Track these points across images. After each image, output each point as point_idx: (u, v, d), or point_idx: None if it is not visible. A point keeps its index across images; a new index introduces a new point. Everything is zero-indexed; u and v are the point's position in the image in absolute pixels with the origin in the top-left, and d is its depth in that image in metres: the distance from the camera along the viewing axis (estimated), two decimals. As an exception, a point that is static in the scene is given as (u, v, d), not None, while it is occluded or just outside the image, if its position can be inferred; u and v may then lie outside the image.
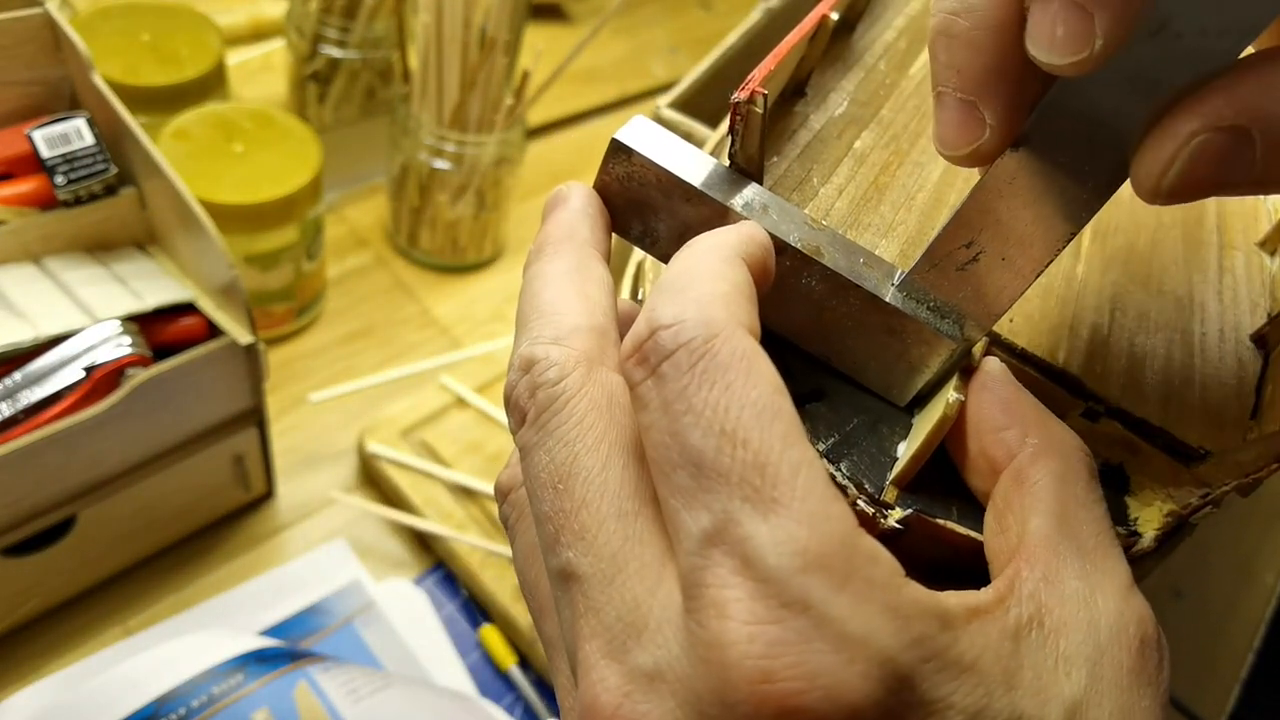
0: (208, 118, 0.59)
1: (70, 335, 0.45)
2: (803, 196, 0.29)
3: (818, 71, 0.35)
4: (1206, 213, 0.37)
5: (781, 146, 0.31)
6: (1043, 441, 0.23)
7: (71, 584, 0.51)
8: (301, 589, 0.54)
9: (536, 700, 0.53)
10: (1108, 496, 0.25)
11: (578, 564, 0.20)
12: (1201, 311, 0.32)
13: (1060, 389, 0.27)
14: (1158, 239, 0.34)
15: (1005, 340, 0.27)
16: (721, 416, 0.19)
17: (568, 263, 0.24)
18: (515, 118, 0.68)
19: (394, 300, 0.72)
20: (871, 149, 0.32)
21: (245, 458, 0.54)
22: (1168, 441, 0.27)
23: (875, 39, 0.38)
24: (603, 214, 0.26)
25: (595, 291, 0.24)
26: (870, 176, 0.31)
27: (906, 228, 0.30)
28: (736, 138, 0.26)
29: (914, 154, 0.33)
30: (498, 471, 0.59)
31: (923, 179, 0.32)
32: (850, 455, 0.25)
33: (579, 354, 0.22)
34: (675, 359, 0.19)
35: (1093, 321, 0.29)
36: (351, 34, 0.70)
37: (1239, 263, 0.35)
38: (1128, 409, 0.27)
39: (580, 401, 0.21)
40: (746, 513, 0.18)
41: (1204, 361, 0.30)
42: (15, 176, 0.48)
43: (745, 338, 0.20)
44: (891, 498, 0.24)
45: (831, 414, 0.26)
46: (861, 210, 0.30)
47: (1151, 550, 0.25)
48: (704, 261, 0.21)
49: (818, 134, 0.32)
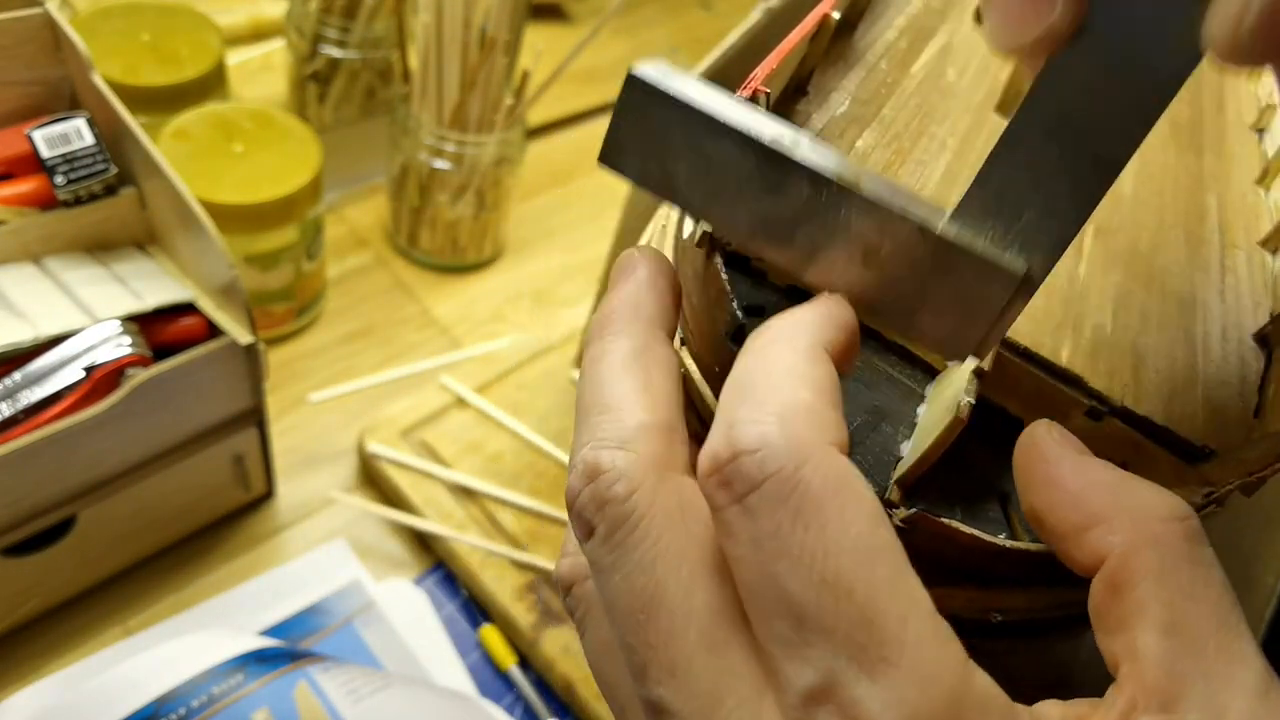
0: (208, 118, 0.59)
1: (70, 335, 0.45)
2: None
3: (819, 71, 0.35)
4: (1208, 211, 0.37)
5: None
6: (1129, 535, 0.20)
7: (71, 584, 0.51)
8: (301, 589, 0.54)
9: (536, 700, 0.53)
10: None
11: (670, 702, 0.19)
12: (1204, 311, 0.32)
13: (1064, 388, 0.27)
14: (1160, 238, 0.34)
15: (1008, 339, 0.27)
16: (821, 563, 0.17)
17: (631, 344, 0.23)
18: (515, 118, 0.68)
19: (394, 300, 0.72)
20: (873, 148, 0.32)
21: (245, 458, 0.54)
22: (1171, 440, 0.27)
23: (876, 38, 0.38)
24: (672, 284, 0.24)
25: (660, 379, 0.22)
26: None
27: None
28: None
29: (916, 153, 0.33)
30: (497, 471, 0.60)
31: (925, 177, 0.32)
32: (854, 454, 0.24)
33: (647, 460, 0.20)
34: (764, 491, 0.18)
35: (1095, 321, 0.29)
36: (351, 34, 0.70)
37: (1241, 261, 0.35)
38: (1131, 408, 0.27)
39: (655, 519, 0.20)
40: (853, 673, 0.17)
41: (1206, 361, 0.30)
42: (15, 176, 0.48)
43: (836, 459, 0.18)
44: (896, 497, 0.23)
45: None
46: None
47: None
48: (782, 358, 0.20)
49: (819, 133, 0.32)
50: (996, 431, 0.27)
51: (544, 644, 0.53)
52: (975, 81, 0.38)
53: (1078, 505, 0.21)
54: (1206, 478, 0.26)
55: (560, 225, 0.82)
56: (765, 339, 0.21)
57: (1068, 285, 0.30)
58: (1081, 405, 0.27)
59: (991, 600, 0.25)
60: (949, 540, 0.23)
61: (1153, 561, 0.20)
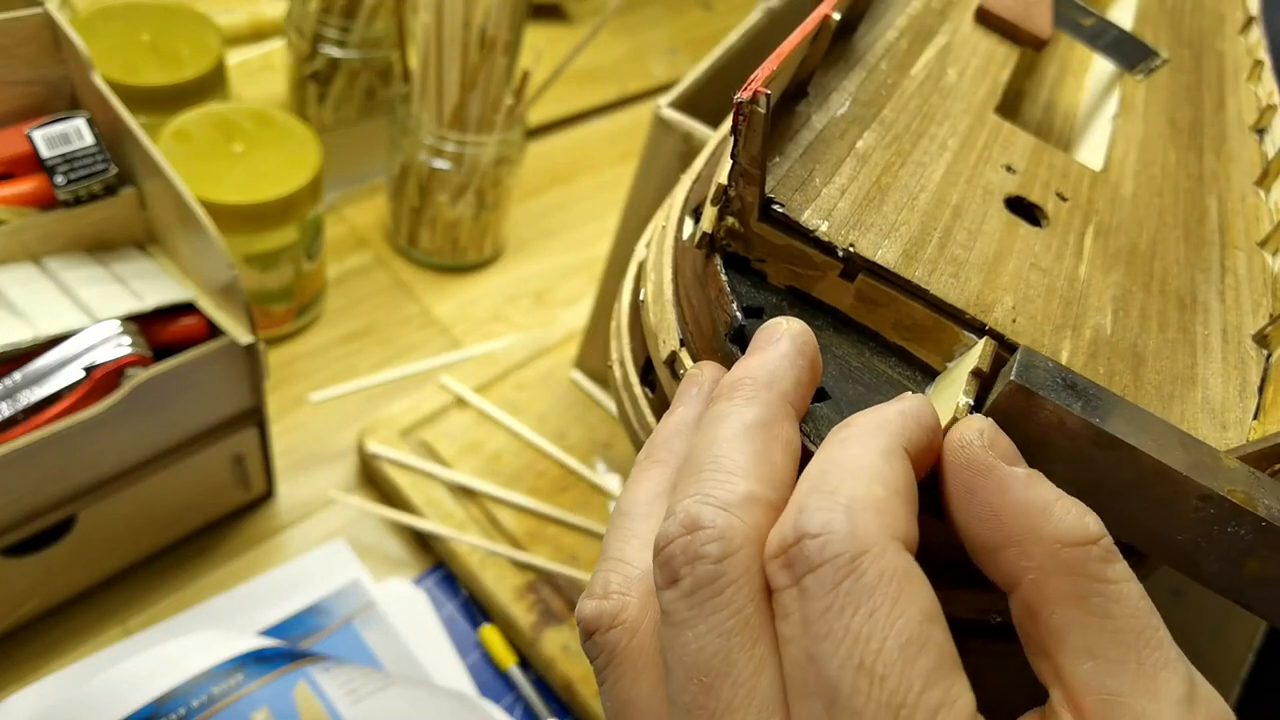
0: (207, 118, 0.60)
1: (70, 335, 0.45)
2: (805, 197, 0.29)
3: (820, 72, 0.35)
4: (1208, 212, 0.37)
5: (784, 146, 0.31)
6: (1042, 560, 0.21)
7: (71, 584, 0.51)
8: (301, 589, 0.54)
9: (536, 700, 0.53)
10: None
11: None
12: (1204, 311, 0.32)
13: None
14: (1159, 238, 0.34)
15: (1009, 341, 0.27)
16: (861, 647, 0.18)
17: (759, 414, 0.22)
18: (515, 118, 0.68)
19: (394, 300, 0.72)
20: (874, 149, 0.32)
21: (245, 457, 0.54)
22: None
23: (877, 39, 0.38)
24: (812, 364, 0.24)
25: (780, 458, 0.22)
26: (873, 177, 0.31)
27: (909, 228, 0.30)
28: (739, 137, 0.26)
29: (916, 154, 0.33)
30: (497, 471, 0.60)
31: (925, 179, 0.32)
32: None
33: (748, 531, 0.20)
34: (820, 575, 0.19)
35: (1095, 322, 0.29)
36: (351, 34, 0.70)
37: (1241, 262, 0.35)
38: None
39: (741, 590, 0.20)
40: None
41: (1206, 361, 0.30)
42: (15, 176, 0.48)
43: (898, 554, 0.19)
44: None
45: (835, 415, 0.26)
46: (864, 210, 0.30)
47: None
48: (861, 453, 0.20)
49: (820, 134, 0.32)
50: None
51: (544, 644, 0.53)
52: (975, 82, 0.38)
53: (995, 523, 0.21)
54: None
55: (560, 225, 0.82)
56: (846, 433, 0.21)
57: (1068, 286, 0.30)
58: None
59: (992, 602, 0.25)
60: (946, 543, 0.23)
61: (1065, 587, 0.20)
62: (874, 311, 0.28)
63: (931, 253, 0.29)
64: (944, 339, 0.27)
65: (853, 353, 0.28)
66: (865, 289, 0.28)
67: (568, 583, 0.56)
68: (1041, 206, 0.33)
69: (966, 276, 0.29)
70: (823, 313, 0.29)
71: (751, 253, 0.29)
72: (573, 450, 0.63)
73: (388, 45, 0.72)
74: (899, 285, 0.28)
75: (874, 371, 0.27)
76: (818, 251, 0.28)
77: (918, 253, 0.29)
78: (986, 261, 0.30)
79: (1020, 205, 0.33)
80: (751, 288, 0.28)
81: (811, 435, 0.24)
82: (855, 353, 0.28)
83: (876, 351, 0.28)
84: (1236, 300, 0.33)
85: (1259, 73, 0.46)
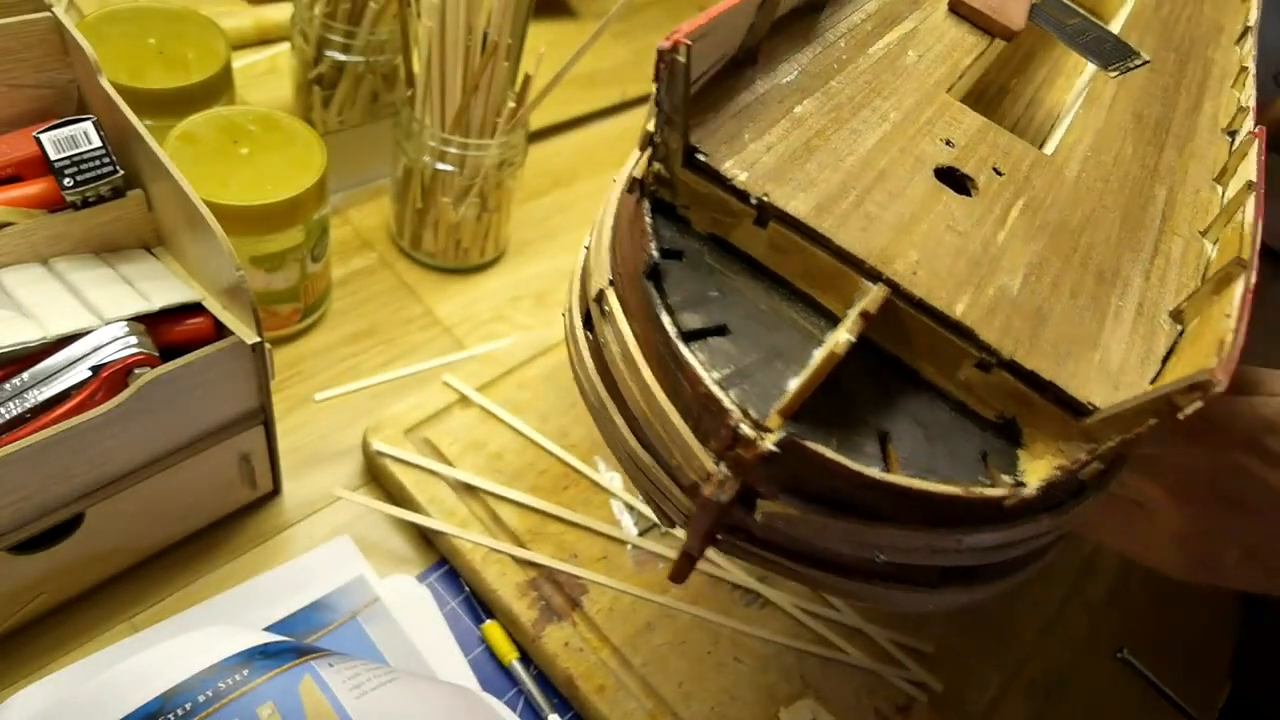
0: (214, 121, 0.60)
1: (78, 335, 0.46)
2: (731, 149, 0.30)
3: (774, 44, 0.35)
4: (1154, 200, 0.37)
5: (722, 105, 0.32)
6: None
7: (79, 581, 0.52)
8: (307, 585, 0.55)
9: (538, 695, 0.53)
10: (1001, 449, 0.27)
11: None
12: (1124, 286, 0.32)
13: (954, 339, 0.28)
14: (1094, 219, 0.35)
15: (904, 290, 0.28)
16: None
17: None
18: (517, 121, 0.68)
19: (398, 301, 0.73)
20: (811, 114, 0.33)
21: (251, 456, 0.54)
22: (1057, 395, 0.27)
23: (842, 20, 0.39)
24: None
25: None
26: (803, 139, 0.32)
27: (829, 185, 0.30)
28: (662, 85, 0.27)
29: (854, 122, 0.34)
30: (500, 469, 0.60)
31: (857, 145, 0.33)
32: (742, 385, 0.26)
33: None
34: None
35: (1003, 283, 0.30)
36: (356, 38, 0.70)
37: (1176, 247, 0.35)
38: (1019, 362, 0.28)
39: None
40: None
41: (1114, 329, 0.30)
42: (23, 179, 0.48)
43: None
44: (775, 425, 0.24)
45: (733, 349, 0.27)
46: (788, 166, 0.31)
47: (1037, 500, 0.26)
48: None
49: (760, 97, 0.33)
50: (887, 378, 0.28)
51: (545, 640, 0.54)
52: (934, 65, 0.39)
53: None
54: (1090, 434, 0.27)
55: (561, 227, 0.83)
56: None
57: (981, 250, 0.31)
58: (971, 357, 0.28)
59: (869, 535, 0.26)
60: (821, 468, 0.24)
61: None
62: (784, 259, 0.29)
63: (846, 208, 0.30)
64: (845, 287, 0.29)
65: (763, 297, 0.29)
66: (776, 237, 0.29)
67: (569, 580, 0.57)
68: (974, 178, 0.34)
69: (876, 231, 0.30)
70: (740, 260, 0.30)
71: (677, 199, 0.30)
72: (574, 449, 0.63)
73: (391, 50, 0.73)
74: (807, 234, 0.29)
75: (779, 315, 0.29)
76: (735, 199, 0.29)
77: (831, 207, 0.30)
78: (901, 221, 0.30)
79: (952, 176, 0.34)
80: (676, 233, 0.30)
81: (705, 365, 0.25)
82: (765, 297, 0.29)
83: (785, 298, 0.29)
84: (1162, 279, 0.33)
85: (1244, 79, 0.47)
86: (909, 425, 0.27)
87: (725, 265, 0.29)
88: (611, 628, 0.56)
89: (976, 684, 0.60)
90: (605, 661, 0.54)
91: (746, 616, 0.58)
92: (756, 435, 0.24)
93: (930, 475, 0.25)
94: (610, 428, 0.30)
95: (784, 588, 0.60)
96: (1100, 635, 0.66)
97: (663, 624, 0.57)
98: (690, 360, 0.25)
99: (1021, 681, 0.62)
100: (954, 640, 0.61)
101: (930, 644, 0.60)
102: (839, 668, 0.58)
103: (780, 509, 0.25)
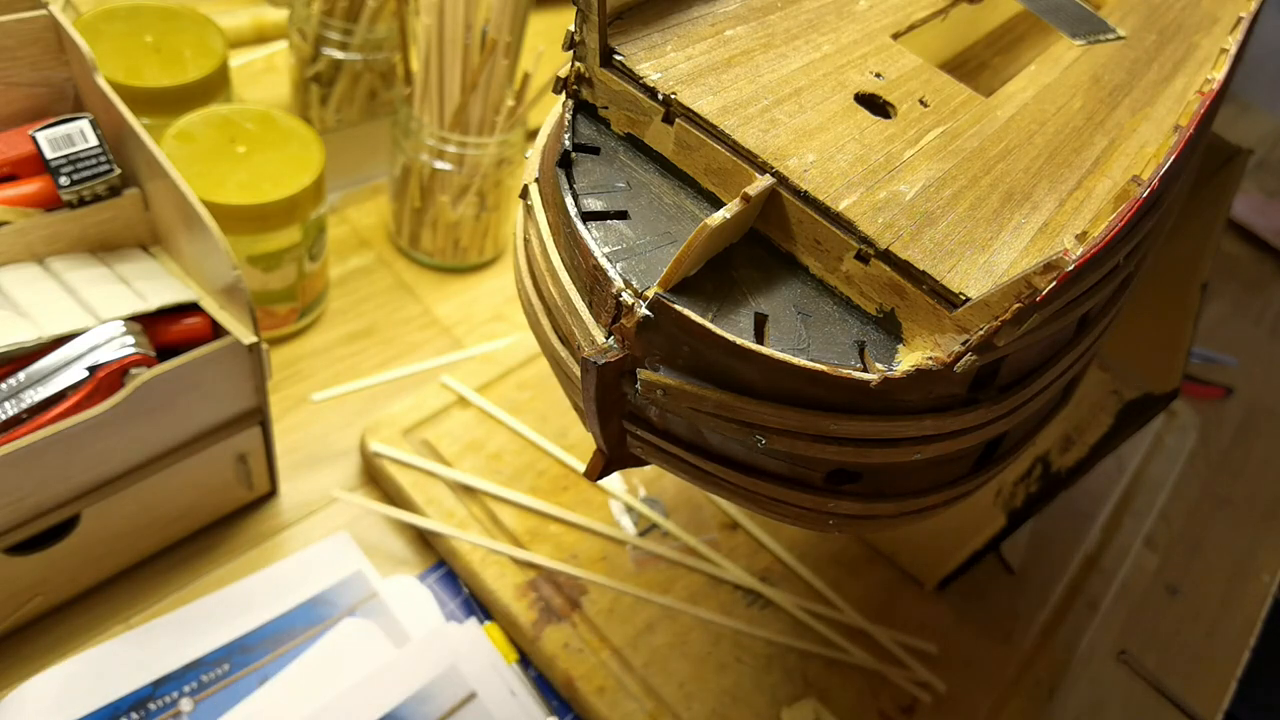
0: (211, 119, 0.60)
1: (74, 335, 0.46)
2: (650, 55, 0.32)
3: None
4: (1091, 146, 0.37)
5: (653, 22, 0.33)
6: None
7: (75, 582, 0.51)
8: (305, 581, 0.55)
9: (537, 696, 0.53)
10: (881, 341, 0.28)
11: None
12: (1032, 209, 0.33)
13: (836, 231, 0.29)
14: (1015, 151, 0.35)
15: (792, 183, 0.29)
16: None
17: None
18: (516, 119, 0.68)
19: (396, 300, 0.72)
20: (740, 38, 0.35)
21: (248, 457, 0.54)
22: (932, 287, 0.28)
23: None
24: None
25: None
26: (725, 55, 0.33)
27: (739, 93, 0.32)
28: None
29: (783, 49, 0.35)
30: (498, 470, 0.60)
31: (780, 66, 0.34)
32: (630, 260, 0.27)
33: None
34: None
35: (896, 189, 0.31)
36: (353, 36, 0.70)
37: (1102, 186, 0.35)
38: (895, 253, 0.28)
39: None
40: None
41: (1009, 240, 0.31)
42: (20, 178, 0.48)
43: None
44: (652, 295, 0.26)
45: (629, 231, 0.28)
46: (703, 75, 0.32)
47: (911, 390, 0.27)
48: None
49: (694, 18, 0.35)
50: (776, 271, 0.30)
51: (544, 641, 0.54)
52: (884, 14, 0.39)
53: None
54: (962, 324, 0.27)
55: (561, 226, 0.82)
56: None
57: (884, 161, 0.32)
58: (851, 248, 0.29)
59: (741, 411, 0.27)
60: (690, 332, 0.25)
61: None
62: (689, 156, 0.31)
63: (752, 113, 0.31)
64: (740, 181, 0.30)
65: (668, 193, 0.31)
66: (682, 134, 0.31)
67: (568, 581, 0.57)
68: (895, 105, 0.35)
69: (776, 134, 0.31)
70: (653, 160, 0.32)
71: (597, 99, 0.32)
72: (573, 449, 0.63)
73: (390, 48, 0.73)
74: (709, 131, 0.30)
75: (681, 209, 0.30)
76: (646, 97, 0.31)
77: (737, 110, 0.31)
78: (806, 128, 0.32)
79: (873, 102, 0.35)
80: (595, 131, 0.32)
81: (599, 241, 0.27)
82: (671, 193, 0.31)
83: (691, 195, 0.31)
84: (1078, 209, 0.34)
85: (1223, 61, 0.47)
86: (791, 313, 0.29)
87: (637, 163, 0.31)
88: (611, 628, 0.55)
89: (980, 684, 0.60)
90: (605, 662, 0.54)
91: (748, 617, 0.58)
92: (635, 303, 0.26)
93: (801, 355, 0.26)
94: (539, 330, 0.32)
95: (785, 588, 0.59)
96: (1104, 636, 0.66)
97: (663, 624, 0.56)
98: (585, 235, 0.27)
99: (1025, 682, 0.61)
100: (958, 640, 0.61)
101: (934, 644, 0.60)
102: (842, 668, 0.58)
103: (658, 379, 0.27)
